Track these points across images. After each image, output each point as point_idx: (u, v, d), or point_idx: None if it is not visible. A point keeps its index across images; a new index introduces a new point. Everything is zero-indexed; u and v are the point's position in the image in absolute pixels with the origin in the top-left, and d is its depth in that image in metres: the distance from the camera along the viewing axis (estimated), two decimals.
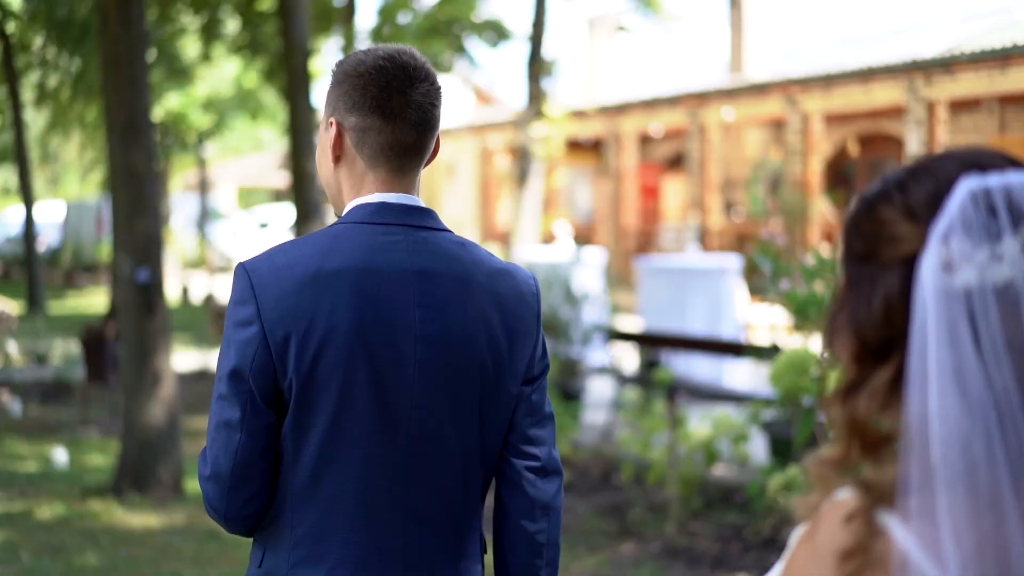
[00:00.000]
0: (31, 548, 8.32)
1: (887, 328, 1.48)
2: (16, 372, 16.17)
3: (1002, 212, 1.43)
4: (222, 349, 2.49)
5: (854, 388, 1.50)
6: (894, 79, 20.74)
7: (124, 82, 9.65)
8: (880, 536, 1.41)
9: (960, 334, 1.40)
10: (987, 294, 1.41)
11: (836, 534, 1.44)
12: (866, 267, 1.51)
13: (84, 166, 40.58)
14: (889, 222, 1.50)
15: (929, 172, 1.51)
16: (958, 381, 1.40)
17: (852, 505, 1.45)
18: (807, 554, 1.49)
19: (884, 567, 1.41)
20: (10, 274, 37.67)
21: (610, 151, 28.99)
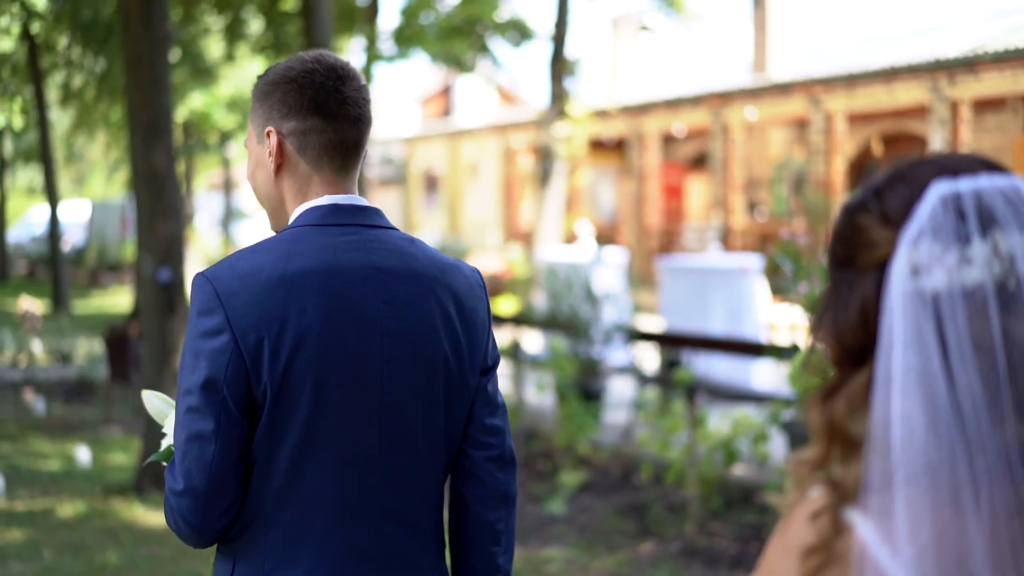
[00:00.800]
0: (53, 546, 8.37)
1: (863, 333, 1.51)
2: (40, 371, 16.26)
3: (971, 216, 1.46)
4: (186, 362, 2.46)
5: (833, 391, 1.53)
6: (917, 79, 20.67)
7: (146, 82, 9.70)
8: (845, 532, 1.45)
9: (926, 337, 1.43)
10: (955, 297, 1.44)
11: (802, 531, 1.48)
12: (846, 273, 1.55)
13: (109, 166, 40.74)
14: (866, 228, 1.53)
15: (905, 179, 1.54)
16: (922, 384, 1.42)
17: (819, 503, 1.49)
18: (778, 550, 1.52)
19: (845, 562, 1.44)
20: (35, 273, 37.85)
21: (633, 151, 28.97)
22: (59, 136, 36.76)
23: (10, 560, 8.04)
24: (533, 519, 9.23)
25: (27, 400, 14.37)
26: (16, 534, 8.68)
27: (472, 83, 40.56)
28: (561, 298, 12.50)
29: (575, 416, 10.60)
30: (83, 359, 17.06)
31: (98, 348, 17.60)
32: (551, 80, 21.32)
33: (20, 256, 40.07)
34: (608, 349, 12.35)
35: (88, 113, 29.07)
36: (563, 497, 9.62)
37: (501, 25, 26.47)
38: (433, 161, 38.53)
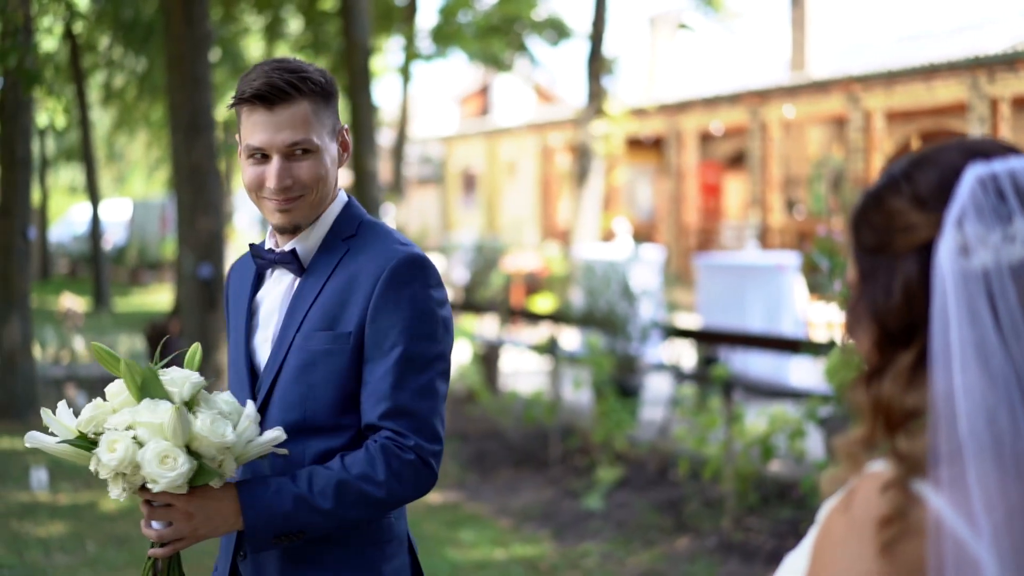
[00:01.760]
0: (96, 538, 8.49)
1: (908, 314, 1.56)
2: (82, 367, 16.43)
3: (1010, 195, 1.52)
4: (430, 330, 2.82)
5: (878, 373, 1.58)
6: (957, 76, 20.59)
7: (187, 81, 9.82)
8: (916, 504, 1.48)
9: (980, 313, 1.48)
10: (1004, 273, 1.49)
11: (873, 503, 1.51)
12: (880, 258, 1.60)
13: (150, 165, 41.03)
14: (900, 212, 1.58)
15: (932, 162, 1.59)
16: (980, 357, 1.47)
17: (887, 476, 1.52)
18: (843, 526, 1.54)
19: (920, 534, 1.48)
20: (76, 272, 38.18)
21: (671, 149, 28.96)
22: (100, 136, 37.05)
23: (55, 552, 8.16)
24: (570, 514, 9.29)
25: (69, 396, 14.52)
26: (60, 527, 8.81)
27: (510, 82, 40.62)
28: (598, 295, 12.54)
29: (612, 412, 10.64)
30: (124, 355, 17.19)
31: (139, 345, 17.76)
32: (589, 79, 21.34)
33: (62, 255, 40.44)
34: (645, 346, 12.39)
35: (129, 112, 29.35)
36: (600, 493, 9.66)
37: (539, 24, 26.56)
38: (471, 160, 38.61)
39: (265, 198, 2.85)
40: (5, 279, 12.71)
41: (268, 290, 2.98)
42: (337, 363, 2.82)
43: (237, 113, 2.86)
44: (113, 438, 2.58)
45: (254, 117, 2.80)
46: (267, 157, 2.82)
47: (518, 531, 8.89)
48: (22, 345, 12.73)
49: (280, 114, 2.78)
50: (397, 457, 2.75)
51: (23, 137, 12.33)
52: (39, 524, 8.88)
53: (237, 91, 2.83)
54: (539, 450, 11.24)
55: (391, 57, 28.46)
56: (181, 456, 2.57)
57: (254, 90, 2.78)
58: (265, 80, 2.78)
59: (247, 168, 2.85)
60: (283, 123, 2.78)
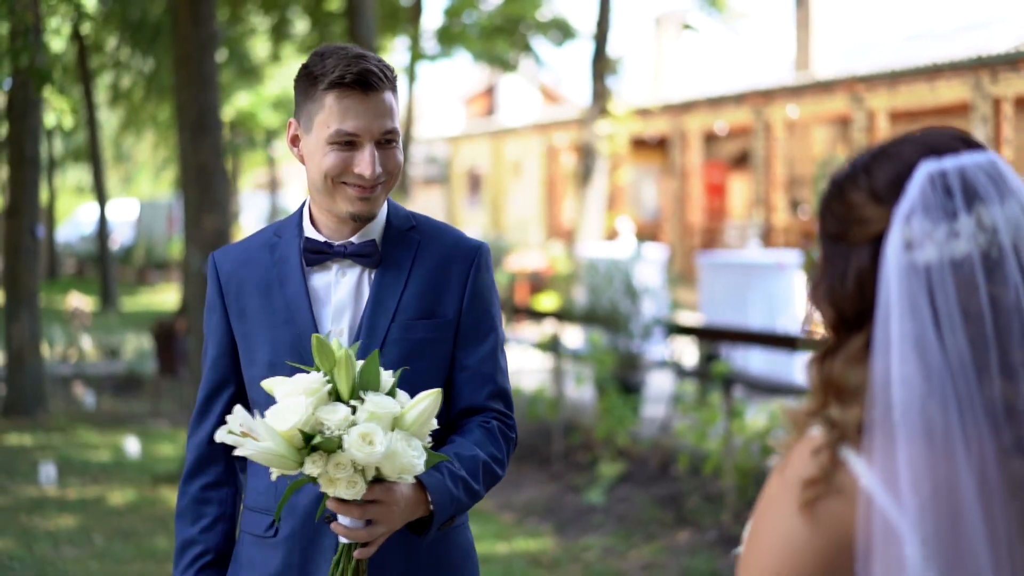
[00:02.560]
0: (104, 532, 8.60)
1: (860, 301, 1.67)
2: (89, 366, 16.57)
3: (957, 192, 1.62)
4: (497, 310, 3.03)
5: (831, 352, 1.69)
6: (960, 76, 20.66)
7: (194, 80, 9.91)
8: (842, 468, 1.60)
9: (920, 307, 1.59)
10: (945, 268, 1.59)
11: (802, 464, 1.63)
12: (839, 246, 1.71)
13: (156, 165, 41.14)
14: (857, 205, 1.69)
15: (890, 156, 1.69)
16: (918, 349, 1.58)
17: (819, 440, 1.63)
18: (777, 484, 1.67)
19: (843, 496, 1.59)
20: (83, 271, 38.29)
21: (675, 149, 29.04)
22: (107, 136, 37.16)
23: (63, 545, 8.27)
24: (572, 509, 9.39)
25: (77, 394, 14.65)
26: (69, 520, 8.92)
27: (515, 82, 40.72)
28: (601, 292, 12.63)
29: (614, 409, 10.73)
30: (131, 354, 17.35)
31: (146, 343, 17.88)
32: (593, 79, 21.41)
33: (69, 254, 40.56)
34: (647, 343, 12.47)
35: (136, 113, 29.42)
36: (602, 488, 9.76)
37: (544, 24, 26.62)
38: (476, 160, 38.71)
39: (347, 185, 2.80)
40: (14, 278, 12.82)
41: (329, 282, 2.90)
42: (441, 350, 2.88)
43: (311, 97, 2.80)
44: (366, 431, 2.48)
45: (346, 103, 2.76)
46: (354, 144, 2.78)
47: (521, 525, 8.99)
48: (31, 343, 12.84)
49: (374, 101, 2.77)
50: (507, 436, 2.92)
51: (32, 137, 12.45)
52: (48, 518, 9.00)
53: (326, 75, 2.76)
54: (542, 446, 11.33)
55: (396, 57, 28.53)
56: (420, 446, 2.57)
57: (354, 76, 2.74)
58: (363, 67, 2.76)
59: (329, 154, 2.78)
60: (377, 111, 2.78)
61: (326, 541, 2.81)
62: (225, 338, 2.95)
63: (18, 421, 12.64)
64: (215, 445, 2.81)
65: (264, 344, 2.88)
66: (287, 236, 2.96)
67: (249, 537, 2.92)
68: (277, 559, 2.86)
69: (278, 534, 2.86)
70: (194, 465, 2.96)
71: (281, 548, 2.86)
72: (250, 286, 2.93)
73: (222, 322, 2.95)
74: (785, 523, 1.63)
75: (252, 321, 2.91)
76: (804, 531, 1.61)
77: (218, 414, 2.92)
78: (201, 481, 2.95)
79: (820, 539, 1.61)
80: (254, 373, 2.87)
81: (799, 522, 1.62)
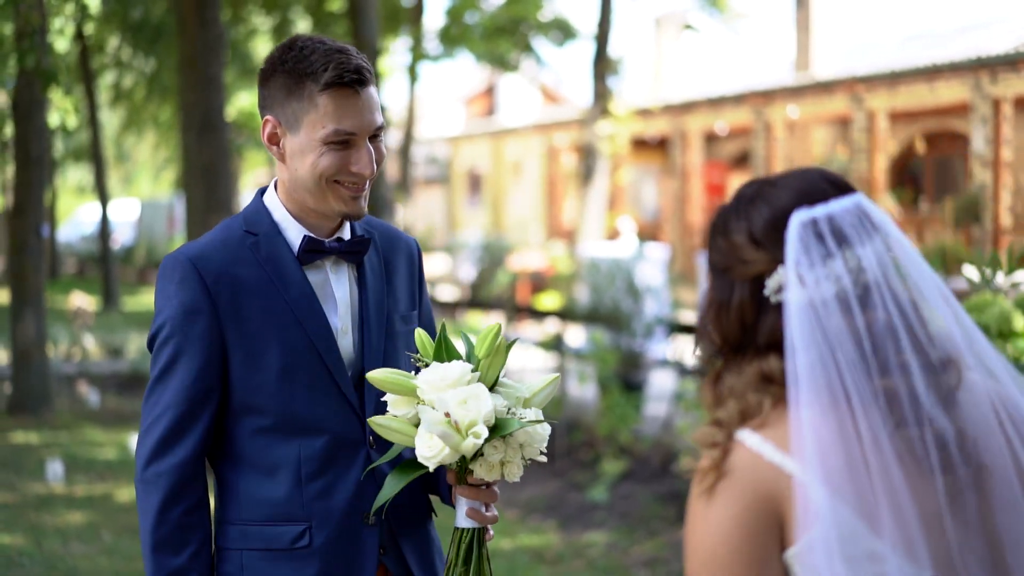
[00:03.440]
0: (112, 528, 8.68)
1: (741, 331, 1.95)
2: (93, 364, 16.64)
3: (828, 237, 1.89)
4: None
5: (719, 376, 1.97)
6: (959, 77, 20.73)
7: (200, 81, 9.99)
8: (736, 449, 1.87)
9: (816, 337, 1.86)
10: (829, 303, 1.87)
11: (700, 462, 1.91)
12: (723, 278, 1.98)
13: (157, 165, 41.22)
14: (739, 246, 1.95)
15: (767, 201, 1.96)
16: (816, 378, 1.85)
17: (710, 438, 1.90)
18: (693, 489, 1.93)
19: (732, 476, 1.85)
20: (84, 271, 38.34)
21: (676, 149, 29.10)
22: (109, 136, 37.20)
23: (72, 541, 8.35)
24: (575, 506, 9.46)
25: (81, 392, 14.73)
26: (77, 517, 9.00)
27: (516, 82, 40.77)
28: (603, 292, 12.71)
29: (616, 407, 10.80)
30: (135, 353, 17.41)
31: None
32: (594, 79, 21.49)
33: (69, 254, 40.60)
34: (649, 342, 12.54)
35: (137, 113, 29.48)
36: (604, 485, 9.83)
37: (545, 25, 26.70)
38: (477, 160, 38.76)
39: (342, 184, 2.75)
40: (20, 277, 12.88)
41: (325, 279, 2.85)
42: (413, 341, 2.88)
43: (297, 95, 2.71)
44: (532, 415, 2.65)
45: (342, 102, 2.69)
46: (348, 143, 2.72)
47: (524, 522, 9.06)
48: (36, 342, 12.90)
49: (366, 97, 2.73)
50: None
51: (37, 136, 12.51)
52: (56, 515, 9.07)
53: (317, 74, 2.68)
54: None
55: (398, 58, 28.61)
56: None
57: (351, 75, 2.69)
58: (356, 64, 2.70)
59: (325, 154, 2.71)
60: (370, 107, 2.74)
61: (368, 545, 2.80)
62: (214, 345, 2.73)
63: (24, 419, 12.71)
64: (197, 465, 2.72)
65: (273, 347, 2.75)
66: (264, 233, 2.82)
67: (257, 554, 2.76)
68: (311, 570, 2.75)
69: (313, 543, 2.75)
70: (174, 489, 2.69)
71: (316, 559, 2.75)
72: (246, 287, 2.77)
73: (212, 328, 2.73)
74: (698, 512, 1.89)
75: (253, 324, 2.75)
76: (713, 512, 1.86)
77: (204, 428, 2.73)
78: (184, 505, 2.70)
79: (727, 513, 1.85)
80: (261, 379, 2.75)
81: (704, 505, 1.87)
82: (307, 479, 2.75)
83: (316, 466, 2.76)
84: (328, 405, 2.78)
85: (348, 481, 2.78)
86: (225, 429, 2.80)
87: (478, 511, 2.71)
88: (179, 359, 2.72)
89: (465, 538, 2.73)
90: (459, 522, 2.75)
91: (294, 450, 2.75)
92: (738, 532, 1.84)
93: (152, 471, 2.71)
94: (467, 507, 2.71)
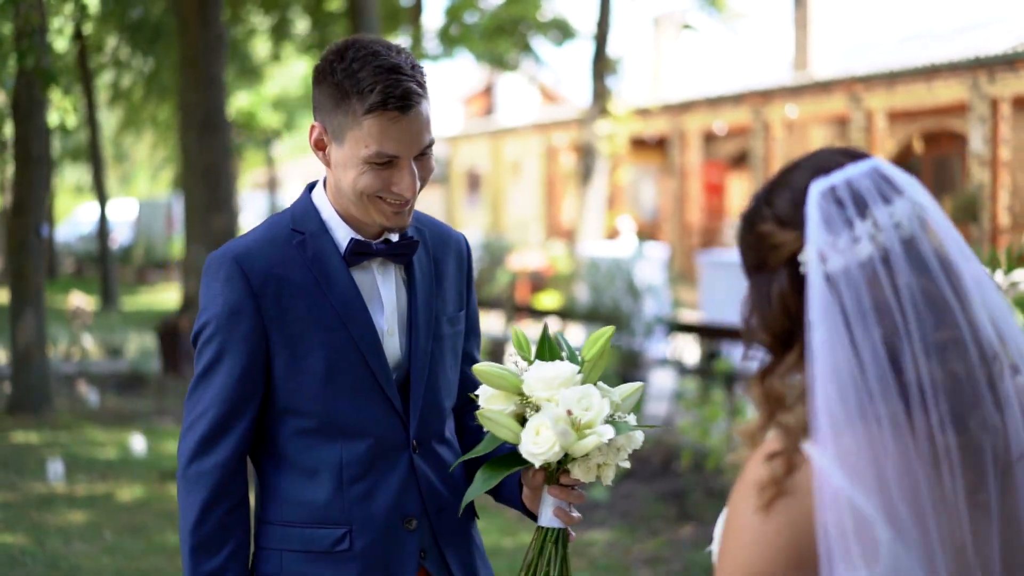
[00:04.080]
0: (113, 527, 8.69)
1: (786, 320, 1.85)
2: (93, 364, 16.65)
3: (848, 203, 1.81)
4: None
5: (769, 371, 1.86)
6: (958, 76, 20.76)
7: (202, 81, 10.00)
8: (799, 468, 1.76)
9: (832, 313, 1.76)
10: (852, 273, 1.77)
11: (758, 470, 1.79)
12: (760, 276, 1.90)
13: (155, 165, 41.20)
14: (767, 234, 1.88)
15: (785, 184, 1.89)
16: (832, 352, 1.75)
17: (773, 445, 1.79)
18: (738, 490, 1.82)
19: (795, 496, 1.75)
20: (83, 271, 38.32)
21: (675, 149, 29.13)
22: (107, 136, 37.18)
23: (74, 540, 8.36)
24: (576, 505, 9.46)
25: (81, 392, 14.73)
26: (78, 516, 9.01)
27: (515, 82, 40.77)
28: (603, 291, 12.72)
29: None
30: (134, 353, 17.42)
31: (148, 342, 17.96)
32: (593, 78, 21.51)
33: (67, 254, 40.58)
34: (649, 341, 12.56)
35: (136, 112, 29.46)
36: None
37: (544, 24, 26.69)
38: (476, 160, 38.79)
39: (384, 201, 2.70)
40: (20, 276, 12.87)
41: (372, 281, 2.82)
42: (461, 342, 2.92)
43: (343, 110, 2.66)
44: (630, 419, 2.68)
45: (386, 124, 2.63)
46: (391, 163, 2.67)
47: (525, 521, 9.07)
48: (36, 342, 12.89)
49: (414, 119, 2.67)
50: None
51: (38, 136, 12.50)
52: (57, 514, 9.08)
53: (363, 95, 2.62)
54: None
55: None
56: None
57: (396, 100, 2.62)
58: (404, 88, 2.63)
59: (365, 172, 2.67)
60: (417, 128, 2.68)
61: (408, 548, 2.79)
62: (258, 346, 2.72)
63: (24, 419, 12.71)
64: (238, 465, 2.72)
65: (317, 349, 2.73)
66: (311, 232, 2.79)
67: (296, 555, 2.75)
68: (351, 573, 2.75)
69: (353, 546, 2.74)
70: (215, 489, 2.69)
71: (356, 562, 2.74)
72: (291, 287, 2.74)
73: (256, 328, 2.71)
74: (748, 525, 1.78)
75: (297, 325, 2.73)
76: (765, 530, 1.76)
77: (245, 428, 2.73)
78: (224, 505, 2.70)
79: (780, 537, 1.75)
80: (304, 380, 2.73)
81: (758, 522, 1.76)
82: (349, 482, 2.74)
83: (358, 470, 2.74)
84: (371, 408, 2.76)
85: (390, 485, 2.77)
86: (267, 429, 2.78)
87: (565, 511, 2.71)
88: (222, 359, 2.71)
89: (550, 537, 2.73)
90: (543, 521, 2.74)
91: (336, 453, 2.74)
92: (793, 556, 1.75)
93: (194, 470, 2.70)
94: (555, 507, 2.71)
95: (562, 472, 2.69)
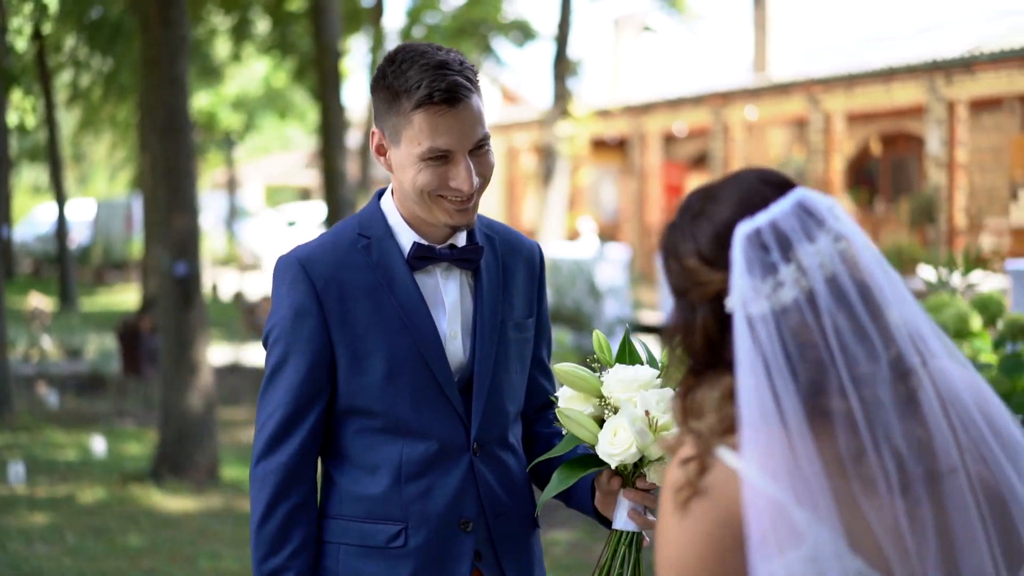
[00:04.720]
0: (75, 530, 8.66)
1: (708, 351, 1.92)
2: (52, 365, 16.55)
3: (773, 247, 1.84)
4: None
5: (689, 389, 1.94)
6: (915, 79, 20.94)
7: (164, 82, 9.96)
8: (711, 469, 1.85)
9: (753, 356, 1.82)
10: (770, 318, 1.82)
11: (674, 474, 1.88)
12: (684, 301, 1.95)
13: (113, 165, 40.93)
14: (693, 270, 1.92)
15: (708, 218, 1.92)
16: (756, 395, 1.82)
17: (687, 451, 1.89)
18: (661, 493, 1.92)
19: (709, 495, 1.84)
20: (40, 272, 38.05)
21: (635, 150, 29.22)
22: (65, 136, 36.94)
23: (35, 542, 8.33)
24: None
25: (40, 393, 14.65)
26: (39, 518, 8.98)
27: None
28: (564, 292, 12.77)
29: None
30: (94, 354, 17.34)
31: (108, 343, 17.87)
32: (554, 80, 21.56)
33: (25, 254, 40.27)
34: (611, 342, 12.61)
35: (95, 112, 29.26)
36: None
37: (505, 25, 26.73)
38: None
39: (445, 199, 2.73)
40: None
41: (436, 285, 2.85)
42: (530, 348, 2.95)
43: (396, 111, 2.72)
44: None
45: (436, 119, 2.67)
46: (446, 158, 2.70)
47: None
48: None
49: (464, 112, 2.69)
50: None
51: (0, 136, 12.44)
52: (19, 517, 9.04)
53: (411, 91, 2.68)
54: None
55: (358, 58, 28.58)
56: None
57: (442, 93, 2.66)
58: (450, 80, 2.66)
59: (423, 171, 2.70)
60: (468, 122, 2.70)
61: (463, 550, 2.82)
62: (321, 347, 2.77)
63: None
64: (304, 463, 2.78)
65: (379, 351, 2.77)
66: (377, 236, 2.84)
67: (353, 550, 2.81)
68: (404, 571, 2.79)
69: (408, 543, 2.78)
70: (280, 487, 2.75)
71: (411, 559, 2.78)
72: (354, 290, 2.79)
73: (319, 330, 2.77)
74: (669, 524, 1.87)
75: (360, 327, 2.78)
76: (683, 528, 1.85)
77: (310, 428, 2.77)
78: (289, 503, 2.76)
79: (698, 533, 1.84)
80: (366, 381, 2.78)
81: (676, 521, 1.86)
82: (407, 479, 2.77)
83: (417, 468, 2.78)
84: (433, 411, 2.79)
85: (448, 485, 2.80)
86: (331, 428, 2.83)
87: (641, 514, 2.73)
88: (288, 360, 2.78)
89: (624, 540, 2.75)
90: (618, 524, 2.76)
91: (397, 451, 2.78)
92: (711, 550, 1.83)
93: (261, 468, 2.78)
94: (629, 509, 2.73)
95: (638, 476, 2.72)
